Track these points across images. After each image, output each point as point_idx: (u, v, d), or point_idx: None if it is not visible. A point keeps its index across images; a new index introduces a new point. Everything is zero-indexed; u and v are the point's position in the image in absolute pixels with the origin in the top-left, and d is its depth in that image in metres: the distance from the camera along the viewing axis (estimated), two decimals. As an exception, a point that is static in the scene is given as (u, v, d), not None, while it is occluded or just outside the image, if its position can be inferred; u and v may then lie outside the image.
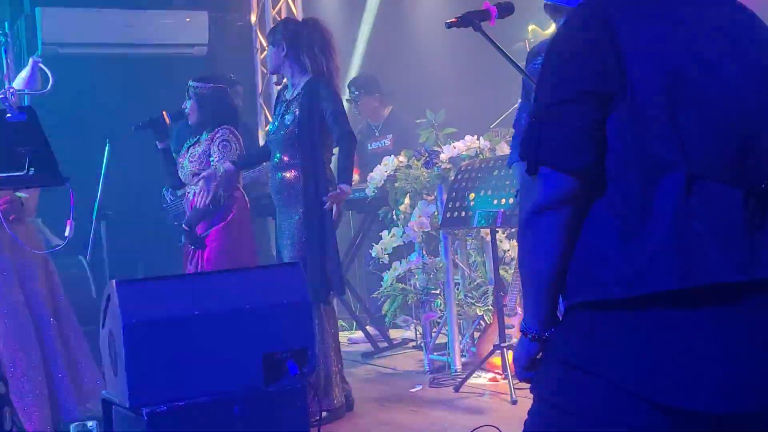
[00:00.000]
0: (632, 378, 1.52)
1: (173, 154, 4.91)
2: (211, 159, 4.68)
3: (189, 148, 4.82)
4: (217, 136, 4.71)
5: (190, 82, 4.80)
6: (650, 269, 1.49)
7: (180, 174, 4.83)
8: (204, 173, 4.59)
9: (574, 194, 1.55)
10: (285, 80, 4.58)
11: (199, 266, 4.70)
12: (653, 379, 1.51)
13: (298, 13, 7.44)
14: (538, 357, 1.71)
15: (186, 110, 4.79)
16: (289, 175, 4.38)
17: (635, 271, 1.50)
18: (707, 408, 1.50)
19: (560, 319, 1.66)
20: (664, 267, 1.49)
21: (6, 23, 6.07)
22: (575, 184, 1.55)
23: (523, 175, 1.66)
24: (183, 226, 4.73)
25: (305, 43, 4.36)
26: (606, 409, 1.54)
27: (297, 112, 4.34)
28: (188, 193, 4.83)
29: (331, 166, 4.49)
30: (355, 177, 6.70)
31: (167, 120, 4.80)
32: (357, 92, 6.62)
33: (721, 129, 1.54)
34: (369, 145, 6.73)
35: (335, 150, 4.47)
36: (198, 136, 4.81)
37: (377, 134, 6.75)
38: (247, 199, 4.80)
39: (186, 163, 4.78)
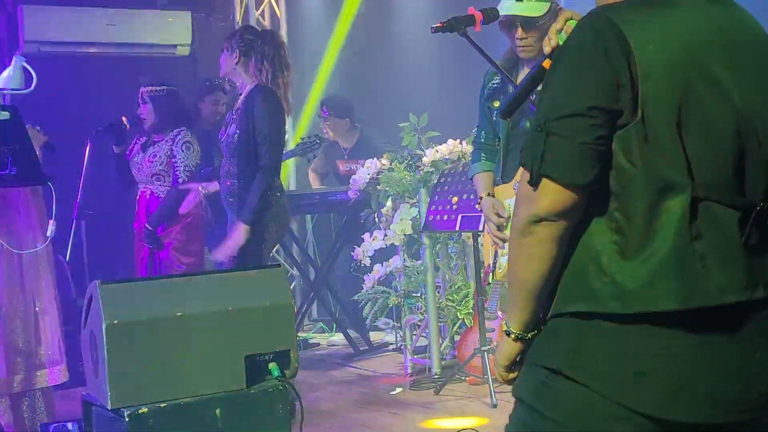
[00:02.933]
0: (616, 387, 1.53)
1: None
2: (175, 160, 4.88)
3: (144, 148, 4.99)
4: (178, 138, 4.90)
5: (144, 87, 4.96)
6: (651, 288, 1.50)
7: (137, 174, 4.98)
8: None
9: (574, 208, 1.55)
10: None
11: (155, 267, 4.80)
12: (641, 389, 1.52)
13: (282, 15, 7.43)
14: (518, 358, 1.71)
15: (142, 114, 4.95)
16: (235, 182, 4.35)
17: (636, 288, 1.51)
18: (695, 419, 1.52)
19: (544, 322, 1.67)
20: (665, 287, 1.50)
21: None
22: (576, 199, 1.54)
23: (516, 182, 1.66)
24: (146, 225, 4.86)
25: (258, 53, 4.34)
26: (587, 416, 1.55)
27: (238, 123, 4.32)
28: (145, 192, 4.98)
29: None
30: (315, 184, 6.71)
31: (127, 125, 4.97)
32: (328, 113, 6.61)
33: (723, 148, 1.55)
34: (341, 165, 6.72)
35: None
36: (148, 137, 5.00)
37: (346, 157, 6.72)
38: (205, 202, 5.04)
39: (144, 163, 4.94)
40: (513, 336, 1.68)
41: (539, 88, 1.67)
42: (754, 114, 1.58)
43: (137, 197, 5.04)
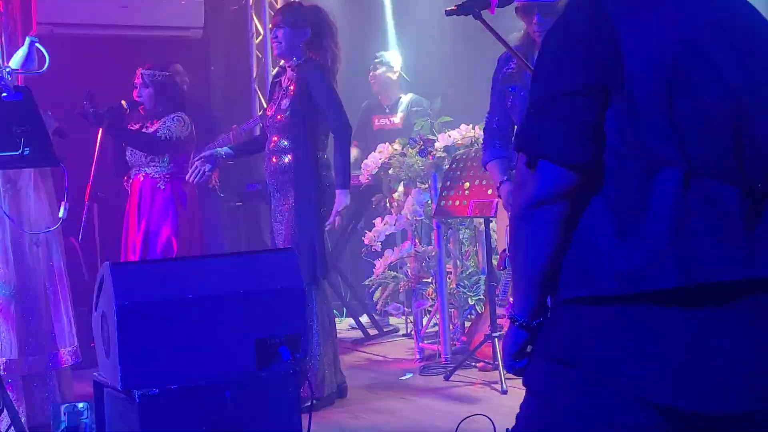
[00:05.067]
0: (622, 375, 1.51)
1: None
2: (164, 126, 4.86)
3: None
4: (173, 115, 4.90)
5: (145, 70, 4.96)
6: (647, 267, 1.48)
7: (131, 156, 4.95)
8: (204, 154, 4.60)
9: (572, 189, 1.54)
10: (282, 63, 4.59)
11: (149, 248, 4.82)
12: (644, 376, 1.50)
13: (295, -2, 7.38)
14: (527, 347, 1.70)
15: (141, 99, 4.95)
16: (285, 159, 4.38)
17: (632, 268, 1.49)
18: (699, 407, 1.50)
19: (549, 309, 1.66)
20: (661, 265, 1.48)
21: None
22: (574, 179, 1.53)
23: (516, 166, 1.64)
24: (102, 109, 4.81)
25: (327, 31, 4.37)
26: (595, 405, 1.54)
27: (292, 97, 4.34)
28: (139, 176, 4.95)
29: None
30: (354, 152, 6.69)
31: (127, 109, 4.95)
32: (380, 63, 6.59)
33: (717, 125, 1.53)
34: (376, 120, 6.68)
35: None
36: (143, 124, 4.99)
37: (387, 111, 6.70)
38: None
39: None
40: (518, 323, 1.68)
41: None
42: (747, 93, 1.56)
43: (131, 182, 5.02)
